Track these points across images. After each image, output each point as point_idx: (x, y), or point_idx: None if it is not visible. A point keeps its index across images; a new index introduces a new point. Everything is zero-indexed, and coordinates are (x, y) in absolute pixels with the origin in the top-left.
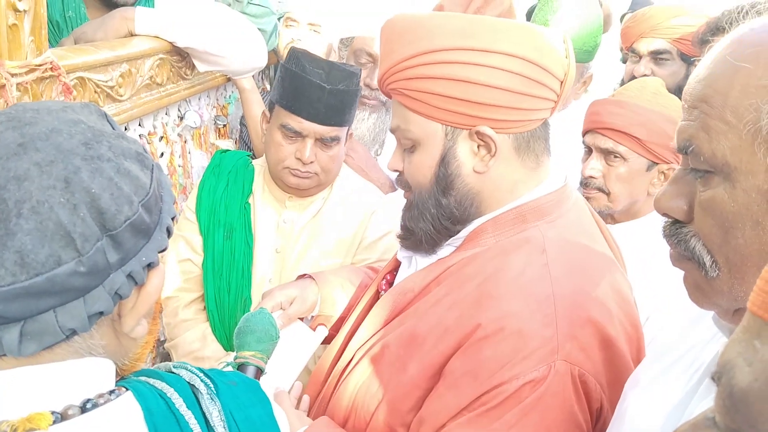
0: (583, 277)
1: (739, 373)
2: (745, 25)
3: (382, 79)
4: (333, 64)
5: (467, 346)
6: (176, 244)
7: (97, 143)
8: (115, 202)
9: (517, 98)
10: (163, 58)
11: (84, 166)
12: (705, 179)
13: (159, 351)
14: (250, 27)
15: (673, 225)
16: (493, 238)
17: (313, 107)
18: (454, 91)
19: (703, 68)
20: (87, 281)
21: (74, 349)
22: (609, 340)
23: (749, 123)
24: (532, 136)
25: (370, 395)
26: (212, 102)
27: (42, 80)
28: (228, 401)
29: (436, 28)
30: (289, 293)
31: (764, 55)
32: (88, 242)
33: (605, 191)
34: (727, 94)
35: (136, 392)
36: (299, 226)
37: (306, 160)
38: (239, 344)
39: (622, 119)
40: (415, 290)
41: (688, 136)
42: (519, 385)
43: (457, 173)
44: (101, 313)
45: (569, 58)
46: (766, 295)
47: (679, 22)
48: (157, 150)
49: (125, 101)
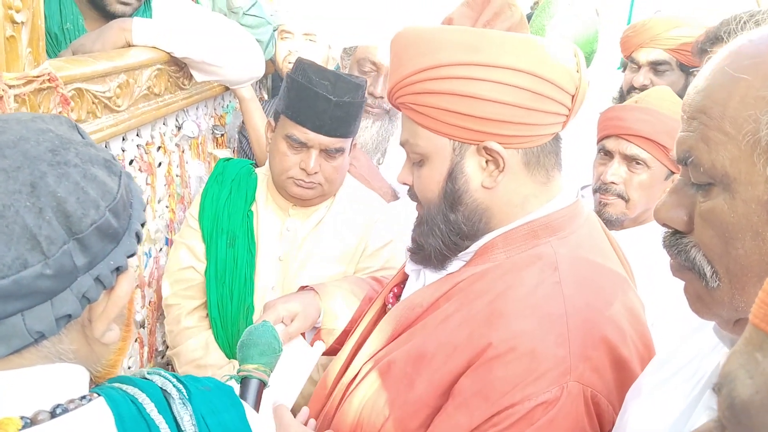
0: (596, 296)
1: (740, 385)
2: (744, 36)
3: (392, 92)
4: (339, 76)
5: (477, 366)
6: (178, 251)
7: (64, 150)
8: (81, 205)
9: (525, 113)
10: (161, 68)
11: (50, 172)
12: (705, 190)
13: (157, 361)
14: (247, 37)
15: (673, 235)
16: (504, 253)
17: (319, 118)
18: (460, 107)
19: (702, 79)
20: (54, 284)
21: (44, 354)
22: (622, 361)
23: (748, 134)
24: (542, 151)
25: (376, 411)
26: (210, 111)
27: (39, 91)
28: (200, 406)
29: (443, 42)
30: (292, 308)
31: (763, 66)
32: (54, 245)
33: (625, 198)
34: (726, 105)
35: (107, 398)
36: (302, 235)
37: (310, 171)
38: (242, 357)
39: (650, 126)
40: (423, 305)
41: (688, 147)
42: (531, 407)
43: (465, 188)
44: (69, 316)
45: (581, 72)
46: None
47: (679, 33)
48: (154, 160)
49: (123, 112)
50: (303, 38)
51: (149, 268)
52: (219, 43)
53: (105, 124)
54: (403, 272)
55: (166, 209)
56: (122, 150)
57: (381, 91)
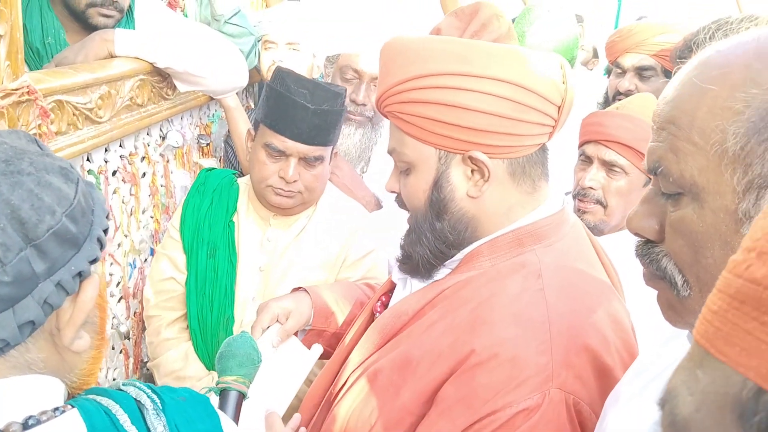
0: (579, 304)
1: (681, 402)
2: (712, 46)
3: (379, 101)
4: (318, 84)
5: (460, 373)
6: (160, 262)
7: (18, 160)
8: (36, 212)
9: (510, 124)
10: (144, 78)
11: (3, 181)
12: (674, 199)
13: (143, 372)
14: (230, 46)
15: (645, 244)
16: (489, 261)
17: (297, 127)
18: (446, 116)
19: (671, 90)
20: (13, 291)
21: (12, 365)
22: (605, 368)
23: (716, 144)
24: (528, 161)
25: (362, 420)
26: (195, 121)
27: (19, 104)
28: (175, 416)
29: (430, 52)
30: (286, 306)
31: (730, 77)
32: (11, 252)
33: (603, 203)
34: (693, 115)
35: (81, 409)
36: (283, 245)
37: (289, 179)
38: (221, 369)
39: (629, 133)
40: (409, 313)
41: (657, 158)
42: (512, 414)
43: (451, 197)
44: (33, 323)
45: (567, 84)
46: (709, 324)
47: (664, 39)
48: (138, 170)
49: (105, 123)
50: (286, 48)
51: (134, 279)
52: (202, 54)
53: (86, 136)
54: (390, 281)
55: (150, 219)
56: (105, 161)
57: (363, 99)
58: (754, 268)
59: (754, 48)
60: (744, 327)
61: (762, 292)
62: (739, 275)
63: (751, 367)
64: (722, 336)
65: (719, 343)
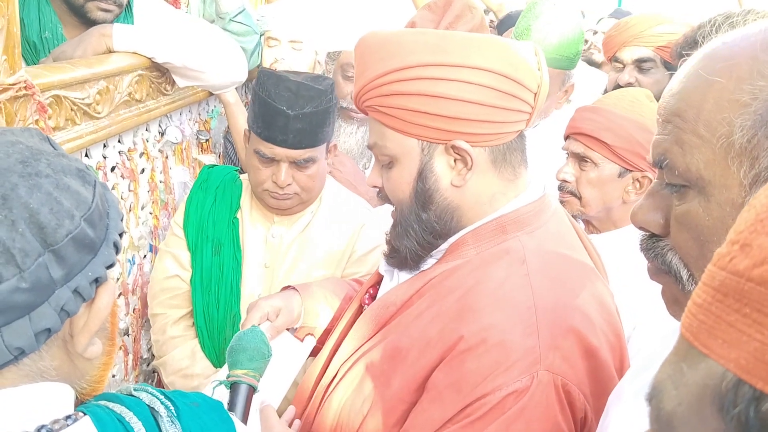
0: (564, 287)
1: (666, 396)
2: (718, 39)
3: (358, 96)
4: (300, 85)
5: (450, 359)
6: (164, 260)
7: (35, 161)
8: (55, 216)
9: (491, 111)
10: (142, 74)
11: (21, 183)
12: (680, 193)
13: (142, 369)
14: (229, 41)
15: (650, 239)
16: (474, 249)
17: (282, 133)
18: (428, 107)
19: (677, 82)
20: (31, 298)
21: (24, 373)
22: (591, 350)
23: (722, 137)
24: (508, 148)
25: (354, 411)
26: (194, 117)
27: (16, 99)
28: (189, 422)
29: (408, 44)
30: (275, 304)
31: (736, 69)
32: (29, 257)
33: (577, 195)
34: (700, 108)
35: (93, 417)
36: (288, 241)
37: (281, 184)
38: (231, 362)
39: (592, 124)
40: (397, 303)
41: (663, 150)
42: (502, 396)
43: (435, 188)
44: (49, 330)
45: (542, 71)
46: (693, 318)
47: (663, 30)
48: (137, 166)
49: (103, 118)
50: (289, 45)
51: (133, 275)
52: (200, 48)
53: (84, 131)
54: (377, 273)
55: (149, 216)
56: (103, 157)
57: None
58: (737, 260)
59: (761, 40)
60: (726, 319)
61: (744, 284)
62: (722, 268)
63: (731, 359)
64: (706, 329)
65: (703, 336)
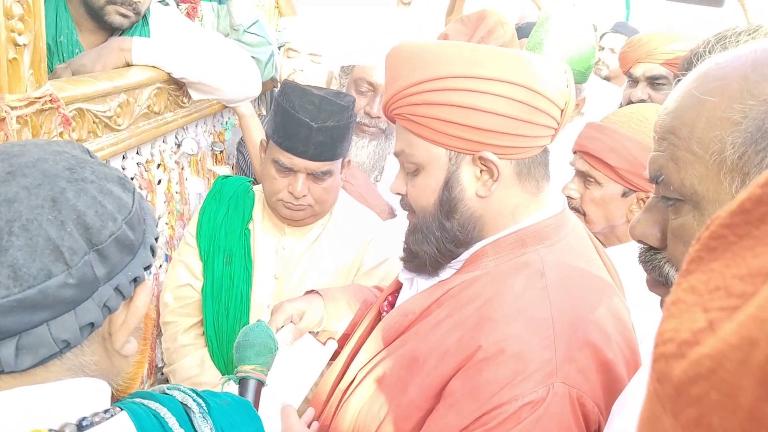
0: (581, 301)
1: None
2: (711, 59)
3: (388, 104)
4: (324, 99)
5: (467, 368)
6: (176, 269)
7: (81, 168)
8: (99, 218)
9: (519, 125)
10: (161, 87)
11: (69, 187)
12: (676, 207)
13: (157, 377)
14: (244, 56)
15: (648, 251)
16: (493, 261)
17: (303, 144)
18: (458, 117)
19: (672, 101)
20: (77, 293)
21: (67, 367)
22: (607, 364)
23: (714, 154)
24: (533, 162)
25: (371, 417)
26: (209, 128)
27: (41, 112)
28: (220, 420)
29: (442, 56)
30: (299, 307)
31: (728, 88)
32: (76, 255)
33: (581, 212)
34: (693, 126)
35: (130, 412)
36: (298, 253)
37: (298, 195)
38: (239, 358)
39: (597, 144)
40: (416, 312)
41: (659, 167)
42: (518, 407)
43: (461, 197)
44: (92, 325)
45: (570, 88)
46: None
47: (674, 47)
48: (154, 177)
49: (123, 130)
50: (308, 58)
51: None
52: (215, 64)
53: (105, 143)
54: (397, 281)
55: (165, 226)
56: (122, 168)
57: (377, 111)
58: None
59: (752, 60)
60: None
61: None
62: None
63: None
64: None
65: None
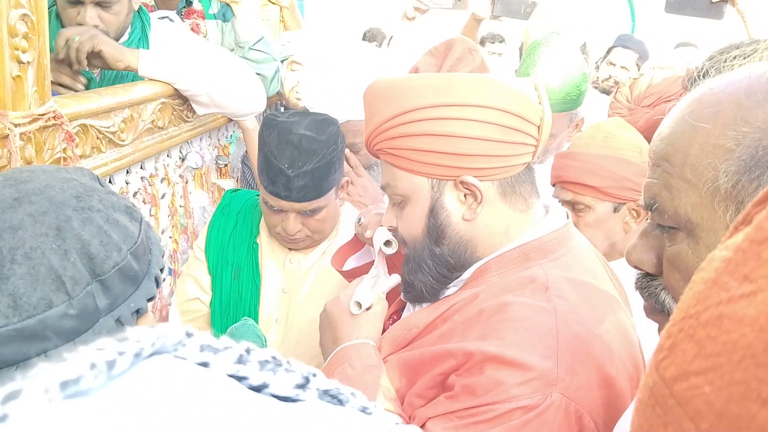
0: (586, 315)
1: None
2: (704, 84)
3: (368, 140)
4: (303, 138)
5: (470, 366)
6: (185, 283)
7: (88, 196)
8: (104, 248)
9: (496, 146)
10: (165, 102)
11: (75, 216)
12: (670, 234)
13: None
14: (248, 71)
15: (645, 278)
16: (497, 276)
17: (285, 189)
18: (435, 146)
19: (666, 127)
20: (77, 324)
21: None
22: (609, 379)
23: (708, 181)
24: (517, 181)
25: None
26: (213, 142)
27: (45, 129)
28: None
29: (413, 88)
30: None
31: (722, 115)
32: (78, 285)
33: None
34: (686, 153)
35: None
36: (306, 267)
37: (291, 232)
38: None
39: (572, 171)
40: (420, 326)
41: (653, 194)
42: (511, 408)
43: (447, 222)
44: None
45: (543, 104)
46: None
47: None
48: (158, 191)
49: (127, 146)
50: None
51: None
52: (220, 80)
53: (109, 159)
54: (400, 299)
55: (169, 240)
56: (126, 183)
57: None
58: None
59: (745, 86)
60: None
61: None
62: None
63: None
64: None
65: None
